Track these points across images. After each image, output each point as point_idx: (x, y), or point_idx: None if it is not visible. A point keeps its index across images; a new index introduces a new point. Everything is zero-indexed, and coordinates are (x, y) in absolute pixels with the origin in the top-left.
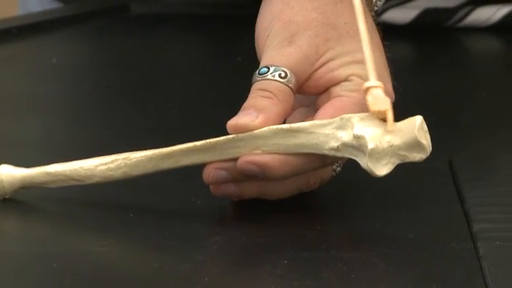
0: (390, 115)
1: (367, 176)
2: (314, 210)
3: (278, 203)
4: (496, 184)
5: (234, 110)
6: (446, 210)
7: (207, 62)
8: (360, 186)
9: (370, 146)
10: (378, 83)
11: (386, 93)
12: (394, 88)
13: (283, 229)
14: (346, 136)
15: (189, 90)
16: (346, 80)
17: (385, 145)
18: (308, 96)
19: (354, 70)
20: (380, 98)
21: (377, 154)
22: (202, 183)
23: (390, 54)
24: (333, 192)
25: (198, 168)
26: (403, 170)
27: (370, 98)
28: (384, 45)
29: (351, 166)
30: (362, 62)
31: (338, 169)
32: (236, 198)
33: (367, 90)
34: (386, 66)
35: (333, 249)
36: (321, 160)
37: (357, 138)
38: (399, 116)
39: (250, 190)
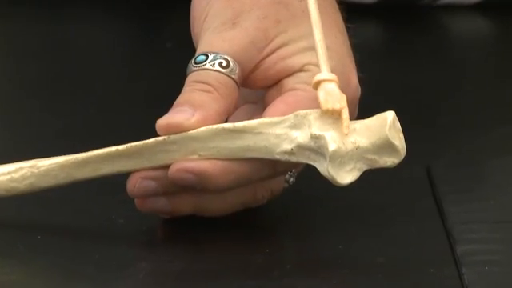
0: (345, 115)
1: (328, 186)
2: (262, 229)
3: (218, 221)
4: (483, 196)
5: (165, 107)
6: (423, 229)
7: (129, 49)
8: (319, 199)
9: (331, 147)
10: (331, 76)
11: (347, 87)
12: (360, 80)
13: (225, 253)
14: (301, 136)
15: (107, 83)
16: (300, 70)
17: (349, 146)
18: (255, 90)
19: (310, 57)
20: (333, 94)
21: (339, 158)
22: (126, 197)
23: (356, 39)
24: (285, 207)
25: (121, 178)
26: (372, 178)
27: (321, 94)
28: (348, 28)
29: (308, 174)
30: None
31: (292, 179)
32: (167, 214)
33: (318, 84)
34: (350, 53)
35: (285, 276)
36: (271, 167)
37: (315, 138)
38: (367, 113)
39: (185, 205)
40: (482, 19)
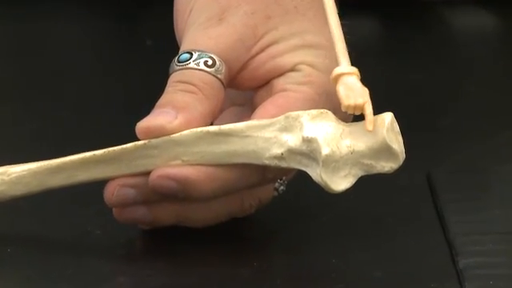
0: (368, 109)
1: (320, 195)
2: (249, 241)
3: (202, 232)
4: (487, 206)
5: (146, 109)
6: (423, 240)
7: (106, 47)
8: (311, 208)
9: (325, 151)
10: (352, 69)
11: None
12: None
13: (210, 266)
14: (292, 140)
15: (84, 84)
16: (292, 70)
17: (344, 150)
18: (243, 91)
19: (303, 56)
20: (355, 89)
21: (333, 163)
22: (103, 206)
23: (351, 36)
24: (275, 217)
25: (98, 186)
26: (368, 185)
27: (341, 89)
28: (342, 25)
29: (299, 182)
30: (314, 45)
31: (282, 187)
32: (148, 225)
33: (338, 77)
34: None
35: None
36: (259, 173)
37: (307, 141)
38: (362, 115)
39: (167, 215)
40: (486, 14)
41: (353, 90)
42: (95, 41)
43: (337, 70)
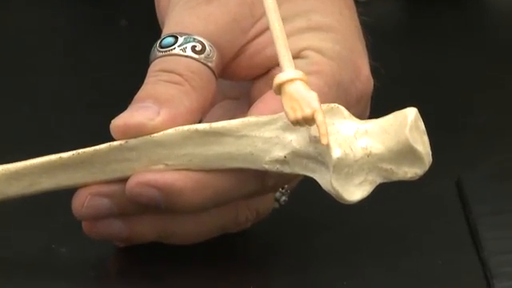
0: (319, 119)
1: (330, 206)
2: (245, 260)
3: (189, 251)
4: None
5: (122, 103)
6: (452, 260)
7: (75, 30)
8: (318, 222)
9: (336, 153)
10: (296, 73)
11: (356, 78)
12: (373, 69)
13: None
14: (297, 140)
15: (50, 75)
16: (297, 57)
17: (359, 153)
18: (237, 82)
19: (309, 40)
20: (300, 98)
21: (346, 168)
22: (71, 219)
23: (367, 16)
24: (275, 233)
25: (65, 195)
26: (387, 194)
27: (285, 102)
28: (357, 3)
29: (304, 190)
30: (322, 27)
31: (284, 198)
32: (124, 242)
33: (280, 87)
34: (361, 35)
35: None
36: (258, 181)
37: (315, 141)
38: (382, 111)
39: (147, 230)
40: None
41: (297, 99)
42: (63, 23)
43: (277, 79)
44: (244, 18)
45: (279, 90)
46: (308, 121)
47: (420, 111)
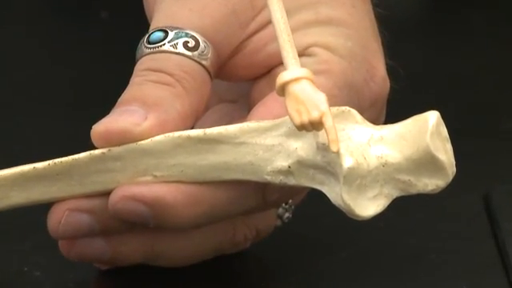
0: (328, 123)
1: (339, 224)
2: (244, 284)
3: (179, 274)
4: None
5: (105, 105)
6: (480, 284)
7: (52, 22)
8: (326, 241)
9: (347, 163)
10: (302, 72)
11: (370, 79)
12: (390, 69)
13: None
14: (303, 148)
15: (24, 73)
16: (303, 54)
17: (373, 162)
18: (235, 83)
19: (317, 35)
20: (307, 99)
21: (359, 179)
22: (46, 239)
23: (383, 9)
24: (278, 254)
25: (40, 210)
26: (405, 210)
27: (289, 105)
28: None
29: (310, 205)
30: (331, 21)
31: (287, 214)
32: (106, 263)
33: (284, 87)
34: (376, 30)
35: None
36: (258, 194)
37: (323, 149)
38: (399, 115)
39: (132, 250)
40: None
41: (303, 101)
42: (37, 16)
43: (280, 78)
44: (243, 11)
45: (283, 90)
46: (315, 125)
47: (442, 115)
